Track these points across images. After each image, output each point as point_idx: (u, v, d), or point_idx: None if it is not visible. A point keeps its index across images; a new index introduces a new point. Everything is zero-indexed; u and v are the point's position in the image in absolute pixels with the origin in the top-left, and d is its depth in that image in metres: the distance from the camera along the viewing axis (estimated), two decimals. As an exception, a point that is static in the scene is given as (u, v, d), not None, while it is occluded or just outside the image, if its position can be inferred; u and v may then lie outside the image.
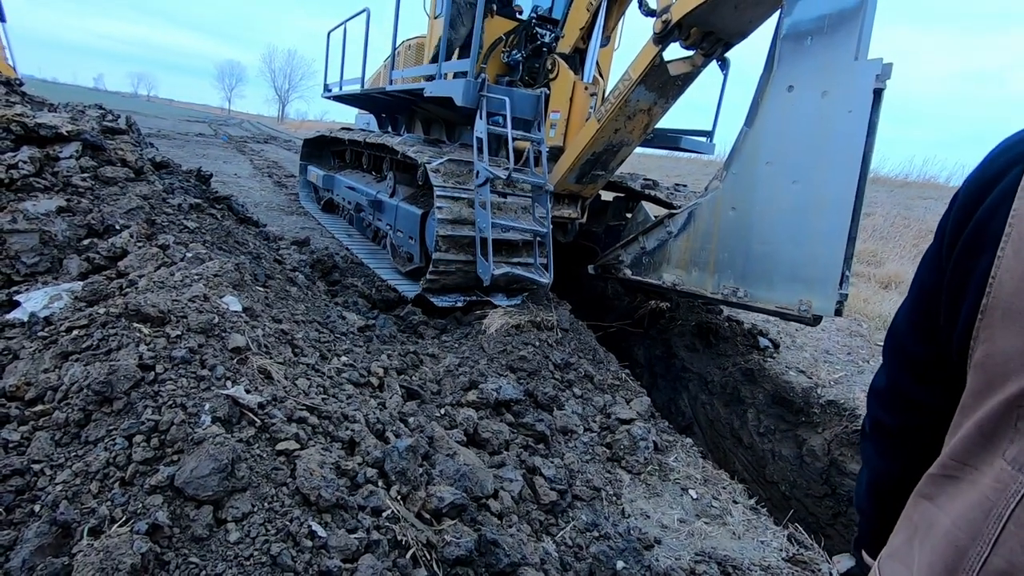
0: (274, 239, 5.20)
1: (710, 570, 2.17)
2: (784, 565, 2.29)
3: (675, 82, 3.86)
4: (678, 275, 3.85)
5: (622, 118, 4.01)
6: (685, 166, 18.18)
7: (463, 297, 4.30)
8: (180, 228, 3.11)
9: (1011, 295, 0.60)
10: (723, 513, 2.60)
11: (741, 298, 3.38)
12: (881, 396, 0.90)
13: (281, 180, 11.31)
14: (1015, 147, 0.67)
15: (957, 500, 0.67)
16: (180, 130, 22.32)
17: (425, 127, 6.52)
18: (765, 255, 3.24)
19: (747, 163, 3.29)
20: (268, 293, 2.87)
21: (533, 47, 4.96)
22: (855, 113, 2.74)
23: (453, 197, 4.07)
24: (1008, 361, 0.61)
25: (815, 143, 2.93)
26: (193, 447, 1.49)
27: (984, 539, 0.61)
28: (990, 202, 0.65)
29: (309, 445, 1.74)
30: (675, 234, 3.84)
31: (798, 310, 3.06)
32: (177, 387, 1.66)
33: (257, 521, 1.43)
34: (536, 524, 2.20)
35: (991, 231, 0.64)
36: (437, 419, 2.59)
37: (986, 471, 0.64)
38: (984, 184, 0.67)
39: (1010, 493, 0.59)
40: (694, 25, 3.43)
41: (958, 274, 0.69)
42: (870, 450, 0.94)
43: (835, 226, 2.86)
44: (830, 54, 2.84)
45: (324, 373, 2.33)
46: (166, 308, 1.92)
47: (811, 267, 3.01)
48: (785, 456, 3.96)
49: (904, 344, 0.84)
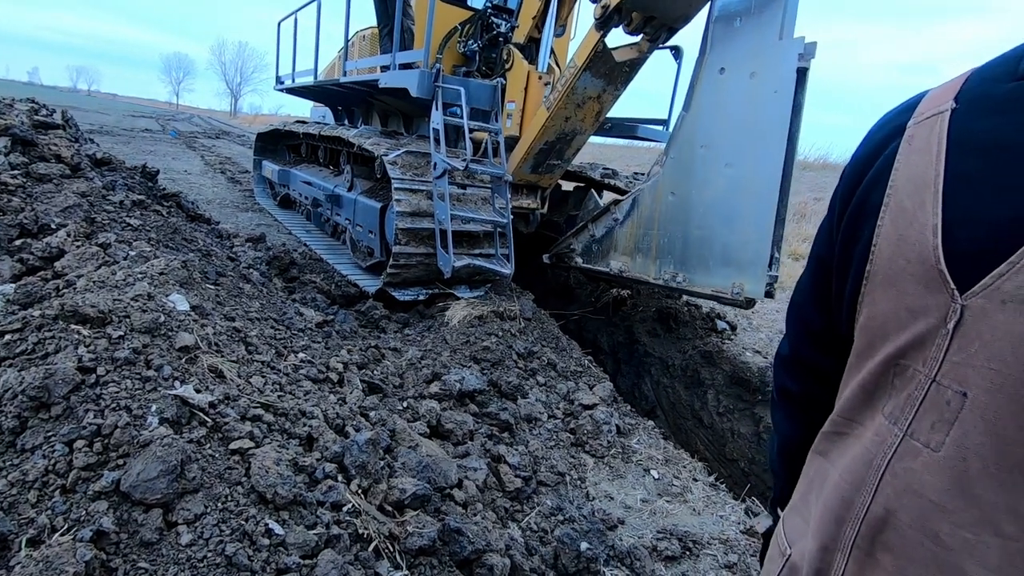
0: (227, 236, 5.03)
1: (671, 546, 2.23)
2: (742, 537, 2.37)
3: (622, 68, 3.84)
4: (624, 262, 3.88)
5: (571, 106, 3.98)
6: (644, 155, 18.42)
7: (425, 290, 4.27)
8: (122, 226, 2.97)
9: (888, 261, 0.64)
10: (684, 491, 2.67)
11: (680, 283, 3.40)
12: (785, 364, 0.93)
13: (235, 176, 10.94)
14: (892, 121, 0.70)
15: (845, 455, 0.71)
16: (125, 126, 21.31)
17: (382, 119, 6.42)
18: (702, 240, 3.26)
19: (684, 147, 3.31)
20: (220, 291, 2.78)
21: (489, 37, 4.93)
22: (780, 93, 2.76)
23: (411, 189, 4.02)
24: (886, 323, 0.65)
25: (745, 125, 2.96)
26: (139, 450, 1.44)
27: (866, 488, 0.64)
28: (871, 175, 0.68)
29: (264, 443, 1.70)
30: (621, 221, 3.86)
31: (731, 293, 3.10)
32: (121, 389, 1.59)
33: (210, 522, 1.39)
34: (501, 511, 2.22)
35: (872, 202, 0.67)
36: (399, 412, 2.56)
37: (868, 425, 0.67)
38: (866, 158, 0.70)
39: (887, 445, 0.63)
40: (634, 9, 3.39)
41: (845, 245, 0.72)
42: (778, 415, 0.97)
43: (763, 209, 2.89)
44: (757, 35, 2.85)
45: (280, 370, 2.28)
46: (107, 308, 1.83)
47: (742, 250, 3.04)
48: (743, 434, 4.10)
49: (803, 313, 0.87)
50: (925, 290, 0.59)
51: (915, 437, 0.60)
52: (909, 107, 0.68)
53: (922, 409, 0.60)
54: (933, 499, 0.57)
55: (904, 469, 0.61)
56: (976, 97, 0.60)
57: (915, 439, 0.60)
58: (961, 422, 0.55)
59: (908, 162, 0.64)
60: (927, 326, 0.59)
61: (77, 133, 5.11)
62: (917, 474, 0.59)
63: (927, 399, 0.59)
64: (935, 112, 0.63)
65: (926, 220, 0.60)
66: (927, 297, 0.59)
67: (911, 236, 0.61)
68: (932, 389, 0.59)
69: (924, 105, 0.66)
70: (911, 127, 0.66)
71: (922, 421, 0.59)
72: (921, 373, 0.60)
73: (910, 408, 0.61)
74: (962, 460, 0.55)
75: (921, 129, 0.64)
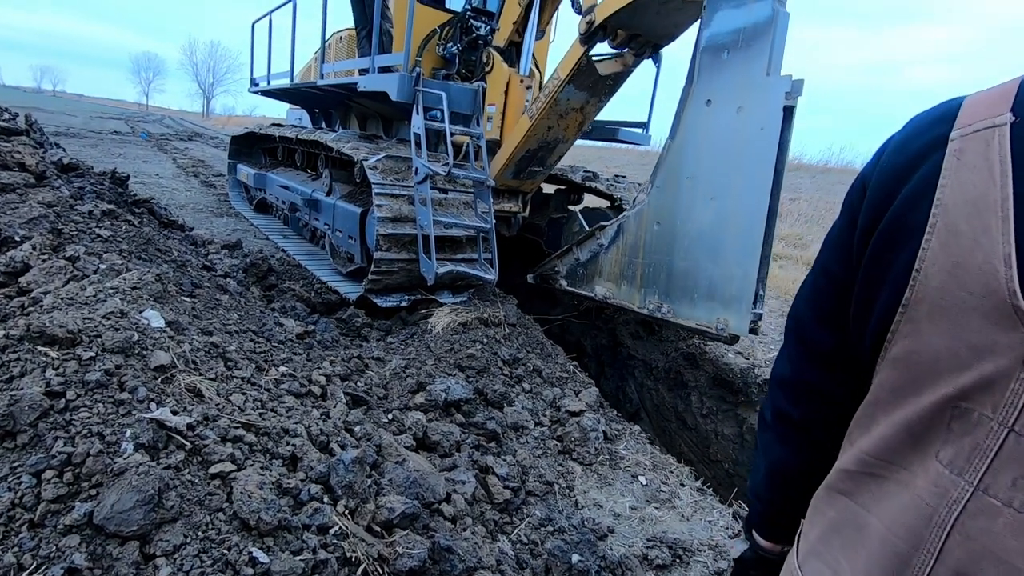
0: (202, 243, 4.91)
1: (662, 554, 2.23)
2: (730, 543, 2.38)
3: (606, 81, 3.82)
4: (609, 288, 3.82)
5: (554, 116, 3.96)
6: (623, 157, 18.58)
7: (407, 296, 4.21)
8: (92, 237, 2.86)
9: (938, 290, 0.58)
10: (672, 497, 2.67)
11: (665, 314, 3.35)
12: (785, 387, 0.86)
13: (208, 180, 10.70)
14: (929, 131, 0.63)
15: (887, 502, 0.64)
16: (92, 128, 20.71)
17: (360, 122, 6.33)
18: (686, 272, 3.21)
19: (670, 177, 3.26)
20: (196, 303, 2.69)
21: (469, 40, 4.89)
22: (767, 131, 2.72)
23: (392, 194, 3.96)
24: (938, 360, 0.59)
25: (731, 160, 2.92)
26: (113, 479, 1.37)
27: (928, 548, 0.58)
28: (910, 191, 0.62)
29: (247, 465, 1.64)
30: (606, 247, 3.80)
31: (716, 329, 3.04)
32: (92, 414, 1.52)
33: (190, 553, 1.33)
34: (491, 524, 2.18)
35: (912, 222, 0.60)
36: (384, 425, 2.52)
37: (918, 472, 0.61)
38: (901, 171, 0.64)
39: (951, 499, 0.57)
40: (619, 27, 3.38)
41: (875, 266, 0.66)
42: (771, 439, 0.90)
43: (748, 245, 2.85)
44: (745, 69, 2.81)
45: (261, 386, 2.21)
46: (76, 327, 1.75)
47: (727, 286, 2.99)
48: (727, 435, 4.13)
49: (807, 332, 0.81)
50: (993, 326, 0.54)
51: (990, 493, 0.54)
52: (946, 116, 0.62)
53: (998, 462, 0.54)
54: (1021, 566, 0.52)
55: (980, 531, 0.55)
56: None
57: (991, 496, 0.54)
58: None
59: (960, 180, 0.57)
60: (997, 367, 0.54)
61: (42, 138, 4.93)
62: (998, 537, 0.53)
63: (1004, 451, 0.53)
64: (989, 125, 0.57)
65: (993, 248, 0.54)
66: (997, 334, 0.53)
67: (972, 264, 0.55)
68: (1010, 440, 0.53)
69: (968, 115, 0.60)
70: (958, 139, 0.59)
71: (999, 476, 0.54)
72: (992, 420, 0.54)
73: (979, 459, 0.55)
74: None
75: (972, 143, 0.58)
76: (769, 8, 2.70)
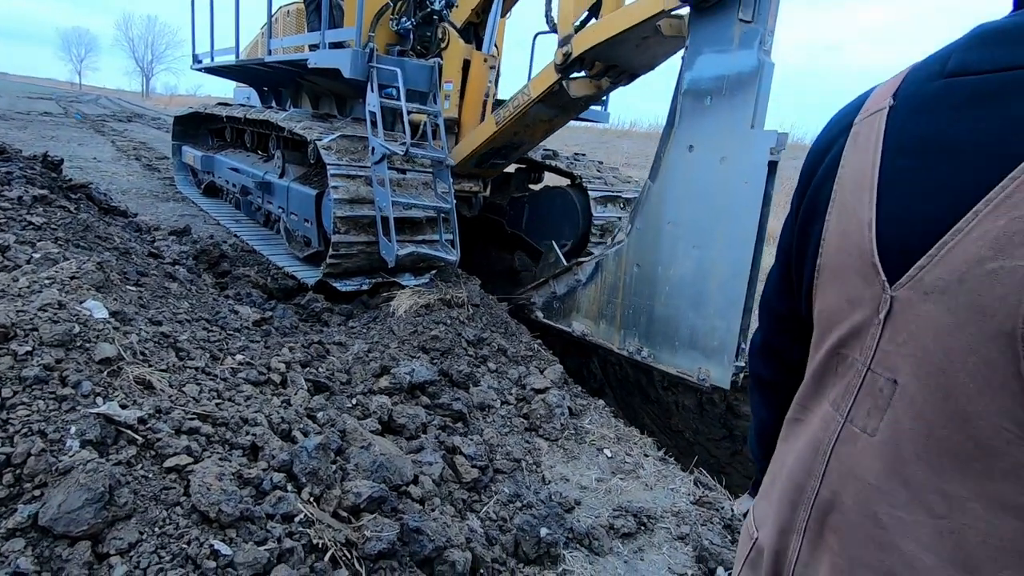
0: (148, 230, 4.67)
1: (627, 523, 2.29)
2: (692, 508, 2.47)
3: (577, 103, 3.75)
4: (587, 325, 3.74)
5: (521, 126, 3.91)
6: (582, 135, 18.60)
7: (368, 280, 4.13)
8: (23, 225, 2.68)
9: (834, 255, 0.67)
10: (636, 467, 2.74)
11: (645, 358, 3.28)
12: (758, 352, 0.97)
13: (152, 163, 10.16)
14: (843, 119, 0.72)
15: (796, 442, 0.74)
16: (20, 108, 19.31)
17: (313, 101, 6.10)
18: (668, 318, 3.14)
19: (651, 220, 3.18)
20: (143, 292, 2.57)
21: (423, 15, 4.75)
22: (751, 185, 2.67)
23: (349, 175, 3.85)
24: (832, 314, 0.68)
25: (714, 210, 2.86)
26: (59, 478, 1.31)
27: (814, 474, 0.67)
28: (821, 172, 0.71)
29: (204, 457, 1.59)
30: (584, 283, 3.73)
31: (697, 378, 3.00)
32: (32, 412, 1.44)
33: (147, 550, 1.29)
34: (459, 503, 2.20)
35: (821, 199, 0.70)
36: (349, 410, 2.48)
37: (816, 412, 0.71)
38: (817, 155, 0.73)
39: (831, 431, 0.66)
40: (597, 59, 3.30)
41: (801, 240, 0.75)
42: (755, 400, 1.02)
43: (731, 297, 2.81)
44: (729, 118, 2.74)
45: (217, 375, 2.13)
46: (9, 321, 1.64)
47: (709, 336, 2.94)
48: (687, 406, 4.26)
49: (771, 303, 0.91)
50: (863, 282, 0.62)
51: (854, 423, 0.63)
52: (859, 104, 0.71)
53: (860, 396, 0.62)
54: (872, 482, 0.60)
55: (846, 454, 0.63)
56: (910, 95, 0.63)
57: (854, 425, 0.63)
58: (893, 408, 0.58)
59: (852, 159, 0.66)
60: (863, 316, 0.62)
61: (-39, 119, 4.55)
62: (857, 458, 0.62)
63: (864, 386, 0.62)
64: (876, 109, 0.65)
65: (863, 216, 0.62)
66: (864, 289, 0.62)
67: (851, 231, 0.64)
68: (868, 377, 0.61)
69: (869, 102, 0.68)
70: (857, 124, 0.68)
71: (860, 408, 0.62)
72: (858, 361, 0.63)
73: (850, 395, 0.64)
74: (895, 444, 0.58)
75: (864, 127, 0.66)
76: (755, 59, 2.63)
